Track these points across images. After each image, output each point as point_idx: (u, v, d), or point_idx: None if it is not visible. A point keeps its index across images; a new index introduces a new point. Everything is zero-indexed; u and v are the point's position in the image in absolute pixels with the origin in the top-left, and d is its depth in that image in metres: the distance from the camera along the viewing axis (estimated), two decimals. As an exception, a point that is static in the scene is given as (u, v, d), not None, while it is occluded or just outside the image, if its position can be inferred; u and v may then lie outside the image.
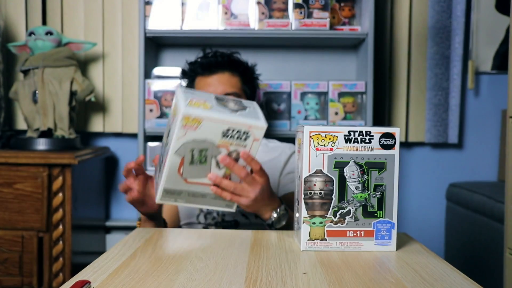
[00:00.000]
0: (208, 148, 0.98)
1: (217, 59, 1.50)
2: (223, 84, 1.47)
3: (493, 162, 2.24)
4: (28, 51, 1.96)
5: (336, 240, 0.92)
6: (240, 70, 1.52)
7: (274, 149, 1.55)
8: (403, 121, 2.16)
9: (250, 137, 0.98)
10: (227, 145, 0.98)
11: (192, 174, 1.01)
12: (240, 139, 0.97)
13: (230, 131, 0.96)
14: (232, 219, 1.43)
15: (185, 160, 0.99)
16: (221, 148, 0.98)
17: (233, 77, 1.49)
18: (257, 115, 0.99)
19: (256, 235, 1.03)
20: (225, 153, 0.99)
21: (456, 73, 2.13)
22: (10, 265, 1.73)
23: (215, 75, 1.48)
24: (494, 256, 1.77)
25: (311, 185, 0.91)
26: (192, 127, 0.94)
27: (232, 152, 0.99)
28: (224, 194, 1.02)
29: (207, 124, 0.94)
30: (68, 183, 1.75)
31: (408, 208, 2.26)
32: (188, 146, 0.97)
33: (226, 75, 1.49)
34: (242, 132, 0.97)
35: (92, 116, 2.18)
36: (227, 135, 0.97)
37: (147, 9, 1.93)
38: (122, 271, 0.78)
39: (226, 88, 1.46)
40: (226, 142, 0.97)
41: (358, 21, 2.03)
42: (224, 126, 0.95)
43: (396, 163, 0.92)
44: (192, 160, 0.99)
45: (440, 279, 0.78)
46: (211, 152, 0.99)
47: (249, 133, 0.97)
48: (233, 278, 0.75)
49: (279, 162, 1.51)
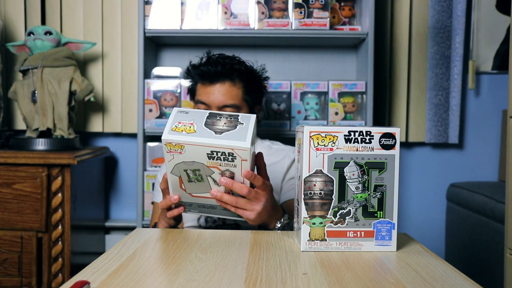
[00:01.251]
0: (199, 168, 0.98)
1: (217, 69, 1.44)
2: (223, 95, 1.43)
3: (493, 162, 2.24)
4: (27, 50, 1.95)
5: (336, 241, 0.92)
6: (243, 79, 1.47)
7: (278, 152, 1.52)
8: (404, 121, 2.16)
9: (237, 158, 0.96)
10: (217, 166, 0.97)
11: (194, 190, 1.02)
12: (227, 160, 0.96)
13: (215, 154, 0.95)
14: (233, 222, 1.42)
15: (183, 179, 1.00)
16: (213, 168, 0.98)
17: (233, 88, 1.45)
18: (244, 134, 0.96)
19: (256, 235, 1.03)
20: (218, 172, 0.98)
21: (457, 73, 2.13)
22: (9, 266, 1.73)
23: (215, 84, 1.44)
24: (494, 256, 1.77)
25: (311, 185, 0.91)
26: (176, 151, 0.96)
27: (224, 172, 0.99)
28: (229, 207, 1.04)
29: (190, 148, 0.95)
30: (67, 183, 1.75)
31: (409, 208, 2.26)
32: (180, 167, 0.98)
33: (227, 85, 1.44)
34: (227, 154, 0.95)
35: (91, 116, 2.18)
36: (213, 157, 0.96)
37: (146, 9, 1.93)
38: (121, 271, 0.78)
39: (225, 100, 1.43)
40: (215, 163, 0.97)
41: (358, 21, 2.03)
42: (207, 149, 0.95)
43: (396, 163, 0.92)
44: (189, 179, 1.00)
45: (440, 280, 0.77)
46: (204, 172, 0.99)
47: (234, 154, 0.95)
48: (233, 279, 0.75)
49: (282, 167, 1.49)
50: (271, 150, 1.53)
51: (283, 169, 1.48)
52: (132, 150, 2.20)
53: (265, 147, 1.53)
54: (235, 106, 1.44)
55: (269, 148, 1.54)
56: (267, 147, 1.54)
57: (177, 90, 1.95)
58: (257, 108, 1.58)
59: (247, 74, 1.48)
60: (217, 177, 0.99)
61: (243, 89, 1.46)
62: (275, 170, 1.47)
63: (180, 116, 0.99)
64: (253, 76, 1.52)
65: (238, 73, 1.46)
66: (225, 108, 1.44)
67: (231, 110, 1.43)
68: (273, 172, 1.46)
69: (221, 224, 1.43)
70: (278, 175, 1.47)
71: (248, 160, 0.96)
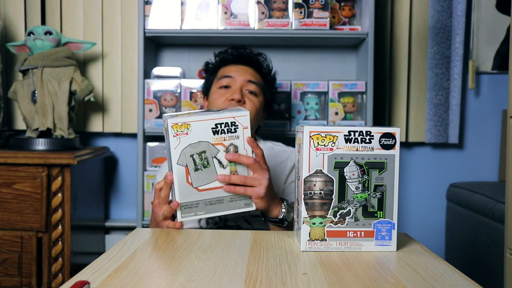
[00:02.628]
0: (205, 149, 1.01)
1: (246, 53, 1.51)
2: (248, 73, 1.47)
3: (493, 162, 2.24)
4: (27, 50, 1.95)
5: (336, 241, 0.92)
6: (263, 73, 1.53)
7: (280, 154, 1.51)
8: (404, 121, 2.16)
9: (239, 127, 1.02)
10: (222, 141, 1.02)
11: (200, 181, 1.03)
12: (231, 132, 1.02)
13: (219, 126, 1.01)
14: (235, 224, 1.42)
15: (189, 168, 1.02)
16: (218, 146, 1.01)
17: (256, 73, 1.50)
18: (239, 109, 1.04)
19: (255, 235, 1.03)
20: (223, 150, 1.02)
21: (457, 73, 2.13)
22: (9, 266, 1.73)
23: (241, 65, 1.49)
24: (494, 256, 1.77)
25: (311, 185, 0.91)
26: (183, 133, 1.00)
27: (229, 147, 1.03)
28: (237, 189, 1.05)
29: (196, 126, 1.00)
30: (67, 183, 1.75)
31: (409, 208, 2.26)
32: (187, 152, 1.01)
33: (252, 69, 1.50)
34: (230, 124, 1.01)
35: (91, 116, 2.18)
36: (217, 131, 1.01)
37: (146, 9, 1.93)
38: (121, 271, 0.78)
39: (249, 77, 1.46)
40: (219, 138, 1.01)
41: (358, 21, 2.03)
42: (211, 123, 1.00)
43: (396, 163, 0.92)
44: (195, 166, 1.02)
45: (440, 280, 0.77)
46: (210, 153, 1.02)
47: (236, 123, 1.01)
48: (233, 279, 0.75)
49: (284, 169, 1.48)
50: (273, 151, 1.52)
51: (285, 172, 1.47)
52: (132, 150, 2.20)
53: (267, 148, 1.52)
54: (258, 85, 1.47)
55: (271, 149, 1.53)
56: (269, 148, 1.53)
57: (177, 90, 1.95)
58: (266, 112, 1.59)
59: (268, 70, 1.56)
60: (222, 157, 1.03)
61: (263, 80, 1.52)
62: (277, 171, 1.46)
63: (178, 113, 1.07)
64: (270, 74, 1.58)
65: (261, 64, 1.53)
66: (249, 84, 1.45)
67: (254, 87, 1.45)
68: (275, 174, 1.45)
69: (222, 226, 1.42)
70: (281, 176, 1.46)
71: (248, 127, 1.02)
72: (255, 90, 1.45)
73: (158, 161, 1.97)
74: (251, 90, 1.44)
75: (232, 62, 1.50)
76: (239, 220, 1.42)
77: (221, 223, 1.41)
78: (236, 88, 1.42)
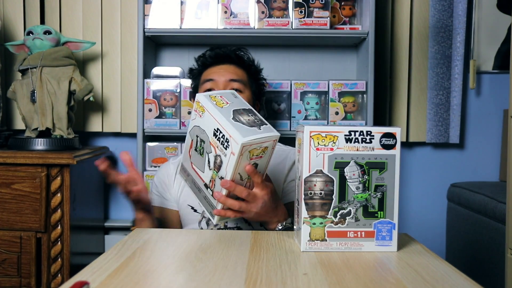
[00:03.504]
0: (205, 140, 1.02)
1: (223, 52, 1.52)
2: (229, 72, 1.48)
3: (494, 162, 2.23)
4: (26, 50, 1.95)
5: (336, 241, 0.91)
6: (246, 66, 1.54)
7: (279, 154, 1.50)
8: (404, 121, 2.16)
9: (229, 147, 0.96)
10: (216, 146, 0.99)
11: (194, 160, 1.06)
12: (223, 145, 0.98)
13: (218, 133, 0.98)
14: (235, 225, 1.42)
15: (193, 144, 1.06)
16: (212, 147, 1.01)
17: (238, 70, 1.51)
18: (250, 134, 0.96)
19: (255, 235, 1.02)
20: (213, 155, 1.00)
21: (458, 72, 2.13)
22: (8, 266, 1.72)
23: (221, 65, 1.50)
24: (495, 256, 1.76)
25: (312, 185, 0.90)
26: (199, 113, 1.02)
27: (216, 157, 1.00)
28: (228, 214, 1.06)
29: (207, 116, 1.00)
30: (66, 183, 1.74)
31: (409, 208, 2.25)
32: (195, 130, 1.04)
33: (232, 66, 1.51)
34: (225, 139, 0.97)
35: (90, 116, 2.17)
36: (216, 135, 0.99)
37: (146, 8, 1.92)
38: (121, 271, 0.77)
39: (231, 75, 1.47)
40: (215, 142, 0.99)
41: (358, 20, 2.03)
42: (215, 124, 0.98)
43: (397, 163, 0.91)
44: (196, 147, 1.05)
45: (441, 280, 0.77)
46: (206, 147, 1.02)
47: (229, 142, 0.96)
48: (233, 279, 0.75)
49: (283, 169, 1.48)
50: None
51: (284, 171, 1.47)
52: (131, 150, 2.18)
53: None
54: (241, 82, 1.47)
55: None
56: None
57: (177, 90, 1.94)
58: (257, 105, 1.59)
59: (249, 62, 1.56)
60: (212, 159, 1.01)
61: (247, 74, 1.53)
62: (276, 171, 1.46)
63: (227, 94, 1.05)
64: (253, 66, 1.58)
65: (242, 59, 1.54)
66: (231, 83, 1.46)
67: (237, 85, 1.46)
68: (274, 173, 1.45)
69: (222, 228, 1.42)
70: (280, 177, 1.46)
71: (235, 155, 0.95)
72: (239, 87, 1.47)
73: (157, 161, 1.96)
74: (235, 88, 1.46)
75: (212, 64, 1.52)
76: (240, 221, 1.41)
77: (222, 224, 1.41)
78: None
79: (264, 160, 1.03)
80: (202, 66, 1.55)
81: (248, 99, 1.48)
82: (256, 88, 1.56)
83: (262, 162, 1.03)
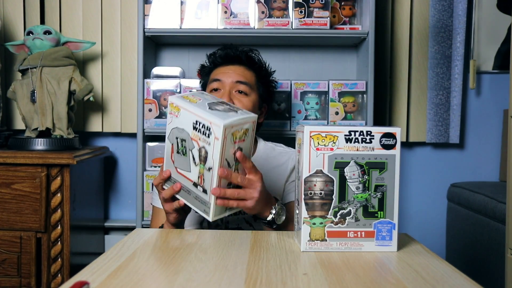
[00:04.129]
0: (185, 139, 1.01)
1: (234, 52, 1.51)
2: (237, 74, 1.47)
3: (494, 162, 2.23)
4: (26, 50, 1.95)
5: (336, 241, 0.91)
6: (256, 68, 1.52)
7: (281, 155, 1.52)
8: (404, 121, 2.16)
9: (212, 134, 0.96)
10: (197, 139, 0.99)
11: (178, 163, 1.05)
12: (205, 135, 0.98)
13: (198, 124, 0.98)
14: (236, 226, 1.42)
15: (174, 148, 1.05)
16: (194, 142, 1.00)
17: (247, 71, 1.50)
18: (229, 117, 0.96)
19: (255, 235, 1.02)
20: (197, 148, 1.00)
21: (458, 72, 2.13)
22: (8, 266, 1.72)
23: (231, 65, 1.50)
24: (495, 256, 1.76)
25: (312, 185, 0.90)
26: (174, 114, 1.02)
27: (201, 148, 0.99)
28: (231, 203, 1.04)
29: (183, 113, 1.00)
30: (66, 183, 1.74)
31: (409, 208, 2.25)
32: (174, 133, 1.03)
33: (242, 68, 1.49)
34: (206, 127, 0.97)
35: (90, 116, 2.17)
36: (196, 128, 0.99)
37: (146, 8, 1.92)
38: (121, 272, 0.77)
39: (238, 77, 1.46)
40: (196, 136, 0.99)
41: (358, 20, 2.03)
42: (193, 117, 0.99)
43: (397, 163, 0.91)
44: (178, 149, 1.04)
45: (441, 280, 0.77)
46: (188, 145, 1.02)
47: (211, 129, 0.96)
48: (233, 279, 0.74)
49: (285, 169, 1.48)
50: (274, 152, 1.52)
51: (286, 172, 1.47)
52: (131, 150, 2.19)
53: (269, 148, 1.53)
54: (248, 84, 1.46)
55: (272, 150, 1.53)
56: (271, 148, 1.53)
57: (177, 90, 1.94)
58: (265, 107, 1.58)
59: (260, 64, 1.55)
60: (196, 154, 1.00)
61: (255, 76, 1.51)
62: (278, 172, 1.47)
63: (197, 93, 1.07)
64: (263, 68, 1.57)
65: (252, 61, 1.52)
66: (238, 85, 1.44)
67: (243, 87, 1.44)
68: (276, 174, 1.46)
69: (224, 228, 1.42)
70: (281, 177, 1.47)
71: (220, 139, 0.95)
72: (244, 89, 1.45)
73: (157, 161, 1.96)
74: (241, 90, 1.44)
75: (222, 64, 1.51)
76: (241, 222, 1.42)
77: (223, 225, 1.42)
78: (225, 91, 1.43)
79: (247, 144, 1.02)
80: (213, 64, 1.54)
81: (253, 102, 1.46)
82: (264, 92, 1.54)
83: (245, 146, 1.03)
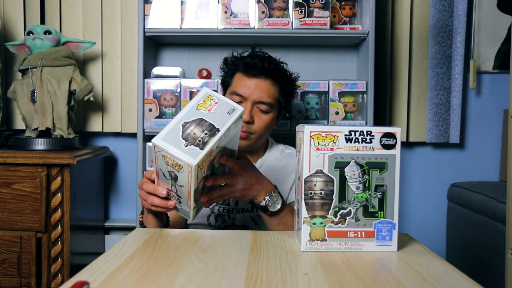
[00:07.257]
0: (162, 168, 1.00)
1: (263, 64, 1.43)
2: (261, 91, 1.42)
3: (494, 162, 2.23)
4: (27, 50, 1.95)
5: (336, 241, 0.91)
6: (282, 81, 1.48)
7: (289, 156, 1.55)
8: (404, 120, 2.15)
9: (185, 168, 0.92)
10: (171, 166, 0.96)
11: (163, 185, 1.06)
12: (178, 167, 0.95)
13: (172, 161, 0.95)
14: (242, 224, 1.43)
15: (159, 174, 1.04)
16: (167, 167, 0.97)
17: (272, 87, 1.45)
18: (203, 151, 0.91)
19: (256, 235, 1.02)
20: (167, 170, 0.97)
21: (458, 72, 2.12)
22: (9, 266, 1.72)
23: (256, 78, 1.43)
24: (495, 256, 1.76)
25: (312, 185, 0.90)
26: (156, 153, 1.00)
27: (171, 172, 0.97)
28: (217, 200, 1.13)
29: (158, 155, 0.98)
30: (66, 183, 1.74)
31: (409, 208, 2.25)
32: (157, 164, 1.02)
33: (267, 82, 1.44)
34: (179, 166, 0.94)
35: (91, 116, 2.17)
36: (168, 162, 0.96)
37: (146, 8, 1.92)
38: (121, 271, 0.77)
39: (262, 96, 1.42)
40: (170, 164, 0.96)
41: (359, 20, 2.02)
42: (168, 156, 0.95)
43: (397, 163, 0.91)
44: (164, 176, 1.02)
45: (441, 280, 0.77)
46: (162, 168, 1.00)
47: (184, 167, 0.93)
48: (233, 279, 0.74)
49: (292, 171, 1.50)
50: (283, 154, 1.56)
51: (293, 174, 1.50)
52: (131, 150, 2.19)
53: (279, 150, 1.57)
54: (269, 105, 1.43)
55: (281, 151, 1.57)
56: (280, 151, 1.57)
57: (177, 90, 1.94)
58: (282, 113, 1.58)
59: (286, 78, 1.50)
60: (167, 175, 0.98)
61: (279, 90, 1.47)
62: (285, 172, 1.50)
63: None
64: (290, 80, 1.53)
65: (280, 74, 1.47)
66: (259, 105, 1.43)
67: (265, 107, 1.43)
68: (283, 174, 1.48)
69: (230, 225, 1.43)
70: (288, 177, 1.49)
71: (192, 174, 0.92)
72: (266, 109, 1.43)
73: (158, 161, 1.96)
74: (262, 109, 1.43)
75: (247, 71, 1.45)
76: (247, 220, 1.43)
77: (230, 221, 1.44)
78: (247, 109, 1.41)
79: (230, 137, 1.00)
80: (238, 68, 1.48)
81: (272, 118, 1.46)
82: (285, 102, 1.52)
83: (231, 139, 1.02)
